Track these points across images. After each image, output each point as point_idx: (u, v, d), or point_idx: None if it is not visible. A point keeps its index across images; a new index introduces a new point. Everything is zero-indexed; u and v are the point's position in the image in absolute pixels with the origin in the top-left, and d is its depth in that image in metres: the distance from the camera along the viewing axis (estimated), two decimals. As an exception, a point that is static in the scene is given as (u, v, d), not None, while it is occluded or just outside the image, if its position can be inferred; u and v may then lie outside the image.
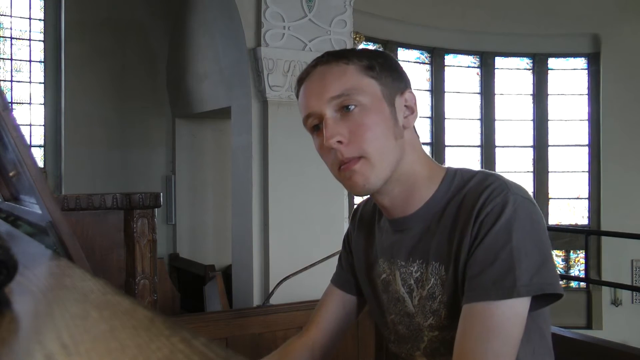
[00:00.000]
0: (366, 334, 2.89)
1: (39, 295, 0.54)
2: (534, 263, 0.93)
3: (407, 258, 1.07)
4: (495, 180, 0.99)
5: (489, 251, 0.94)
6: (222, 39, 4.32)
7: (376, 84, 1.01)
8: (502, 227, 0.93)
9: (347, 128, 0.99)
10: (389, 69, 1.03)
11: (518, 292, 0.91)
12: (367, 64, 1.01)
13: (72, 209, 1.75)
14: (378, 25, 6.15)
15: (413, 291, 1.07)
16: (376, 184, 1.00)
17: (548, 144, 7.35)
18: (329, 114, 1.00)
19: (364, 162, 0.99)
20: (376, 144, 0.98)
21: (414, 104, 1.05)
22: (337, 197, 4.17)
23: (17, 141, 0.82)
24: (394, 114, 1.02)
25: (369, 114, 0.99)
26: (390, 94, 1.02)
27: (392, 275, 1.11)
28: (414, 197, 1.04)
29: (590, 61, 7.28)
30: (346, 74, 1.00)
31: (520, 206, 0.95)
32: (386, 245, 1.12)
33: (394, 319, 1.12)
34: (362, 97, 0.99)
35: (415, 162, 1.04)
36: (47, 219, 0.78)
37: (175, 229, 5.74)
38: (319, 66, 1.02)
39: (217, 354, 0.32)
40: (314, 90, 1.01)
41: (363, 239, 1.20)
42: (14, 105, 5.44)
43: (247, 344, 2.77)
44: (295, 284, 3.27)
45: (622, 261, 6.73)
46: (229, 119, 4.38)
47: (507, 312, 0.92)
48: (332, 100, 0.99)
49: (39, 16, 5.59)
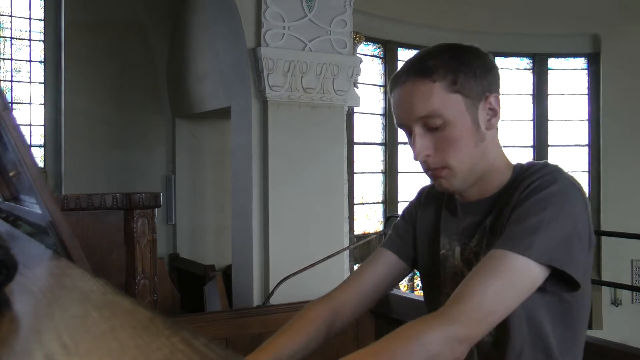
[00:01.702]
0: (366, 333, 2.89)
1: (39, 295, 0.54)
2: (556, 238, 0.99)
3: (470, 234, 1.14)
4: (554, 167, 1.07)
5: (523, 212, 1.01)
6: (222, 39, 4.32)
7: (460, 98, 1.07)
8: (542, 198, 1.01)
9: (432, 142, 1.08)
10: (474, 76, 1.09)
11: (530, 253, 0.97)
12: (452, 78, 1.07)
13: (72, 209, 1.75)
14: (378, 25, 6.15)
15: (472, 264, 1.10)
16: (461, 187, 1.12)
17: (548, 144, 7.35)
18: (417, 130, 1.09)
19: (448, 172, 1.09)
20: (458, 155, 1.08)
21: (497, 106, 1.12)
22: (337, 197, 4.17)
23: (17, 141, 0.82)
24: (476, 122, 1.09)
25: (453, 130, 1.07)
26: (474, 103, 1.09)
27: (452, 250, 1.17)
28: (488, 187, 1.13)
29: (590, 61, 7.27)
30: (432, 93, 1.06)
31: (567, 188, 1.03)
32: (451, 225, 1.19)
33: (450, 293, 1.14)
34: (446, 115, 1.06)
35: (495, 158, 1.13)
36: (47, 219, 0.78)
37: (175, 229, 5.74)
38: (409, 82, 1.08)
39: (217, 354, 0.32)
40: (404, 106, 1.10)
41: (429, 215, 1.26)
42: (14, 105, 5.44)
43: (247, 344, 2.77)
44: (295, 284, 3.27)
45: (622, 261, 6.72)
46: (229, 119, 4.37)
47: (518, 265, 0.97)
48: (419, 120, 1.08)
49: (39, 16, 5.58)
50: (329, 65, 4.08)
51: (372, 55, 6.50)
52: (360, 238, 5.85)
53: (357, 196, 6.23)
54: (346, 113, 4.43)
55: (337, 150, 4.20)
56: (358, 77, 4.50)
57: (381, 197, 6.56)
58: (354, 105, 4.97)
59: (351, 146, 5.86)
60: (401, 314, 2.73)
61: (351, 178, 5.92)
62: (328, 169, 4.11)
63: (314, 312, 1.19)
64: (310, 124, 4.06)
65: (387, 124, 6.52)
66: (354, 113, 5.94)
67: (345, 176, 4.45)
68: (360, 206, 6.35)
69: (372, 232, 6.22)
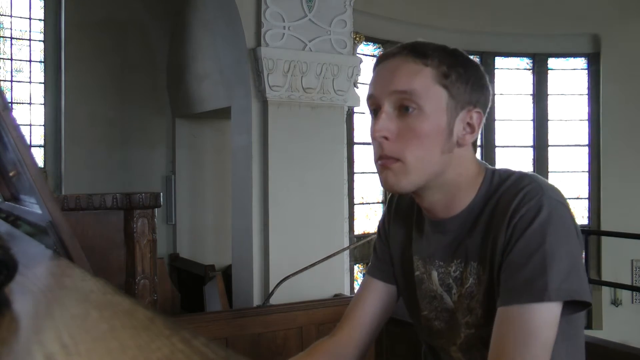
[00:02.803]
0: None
1: (39, 295, 0.54)
2: (564, 268, 0.93)
3: (445, 258, 1.07)
4: (531, 182, 0.99)
5: (521, 254, 0.94)
6: (222, 39, 4.31)
7: (445, 94, 1.00)
8: (536, 231, 0.94)
9: (397, 127, 0.99)
10: (466, 82, 1.01)
11: (549, 296, 0.91)
12: (444, 71, 1.00)
13: (72, 209, 1.75)
14: (378, 25, 6.15)
15: (452, 289, 1.07)
16: (406, 188, 1.01)
17: (548, 144, 7.35)
18: (386, 106, 1.00)
19: (400, 166, 0.99)
20: (418, 152, 0.98)
21: (477, 124, 1.04)
22: (337, 197, 4.17)
23: (17, 141, 0.82)
24: (450, 128, 1.00)
25: (423, 122, 0.98)
26: (456, 108, 1.01)
27: (427, 274, 1.11)
28: (455, 202, 1.05)
29: (590, 61, 7.27)
30: (419, 75, 0.99)
31: (555, 210, 0.95)
32: (423, 245, 1.12)
33: (428, 315, 1.13)
34: (423, 103, 0.98)
35: (461, 174, 1.03)
36: (47, 219, 0.78)
37: (175, 229, 5.74)
38: (399, 56, 1.01)
39: (217, 354, 0.32)
40: (383, 78, 1.01)
41: (399, 231, 1.19)
42: (14, 105, 5.44)
43: (247, 344, 2.77)
44: (295, 284, 3.27)
45: (622, 261, 6.72)
46: (229, 119, 4.38)
47: (542, 316, 0.92)
48: (394, 94, 0.99)
49: (39, 16, 5.58)
50: (329, 65, 4.08)
51: (372, 55, 6.50)
52: (360, 238, 5.85)
53: (357, 196, 6.23)
54: (346, 113, 4.43)
55: (337, 150, 4.20)
56: (358, 77, 4.51)
57: (381, 197, 6.56)
58: (354, 105, 4.97)
59: (351, 146, 5.86)
60: (401, 314, 2.72)
61: (351, 178, 5.92)
62: (328, 169, 4.11)
63: (320, 347, 1.17)
64: (310, 124, 4.06)
65: (387, 124, 6.52)
66: (354, 113, 5.94)
67: (345, 176, 4.45)
68: (360, 206, 6.36)
69: (372, 232, 6.21)
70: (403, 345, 2.55)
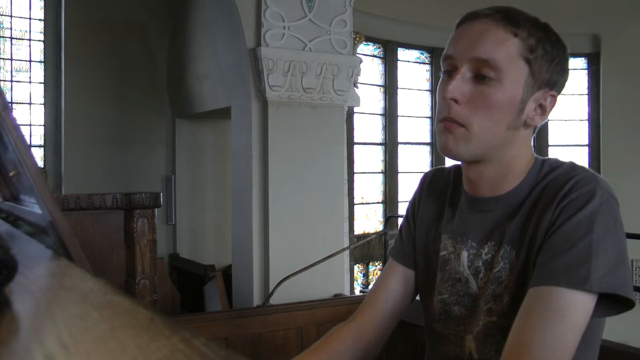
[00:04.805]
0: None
1: (39, 295, 0.54)
2: (610, 261, 0.89)
3: (480, 239, 1.03)
4: (584, 171, 0.96)
5: (566, 238, 0.90)
6: (222, 39, 4.31)
7: (526, 70, 0.96)
8: (585, 217, 0.90)
9: (470, 92, 0.96)
10: (550, 61, 0.98)
11: (590, 284, 0.87)
12: (532, 44, 0.96)
13: (72, 209, 1.75)
14: (378, 25, 6.15)
15: (480, 272, 1.03)
16: (463, 156, 0.99)
17: (548, 144, 7.35)
18: (464, 69, 0.96)
19: (464, 132, 0.96)
20: (484, 122, 0.95)
21: (549, 108, 1.01)
22: (337, 197, 4.17)
23: (17, 141, 0.82)
24: (523, 105, 0.98)
25: (498, 93, 0.95)
26: (534, 86, 0.98)
27: (456, 254, 1.07)
28: (503, 183, 1.02)
29: (590, 61, 7.28)
30: (505, 44, 0.95)
31: (607, 202, 0.93)
32: (457, 223, 1.08)
33: (448, 300, 1.08)
34: (503, 75, 0.95)
35: (519, 156, 1.01)
36: (47, 219, 0.78)
37: (175, 229, 5.74)
38: (489, 19, 0.97)
39: (217, 354, 0.32)
40: (467, 40, 0.97)
41: (430, 210, 1.16)
42: (14, 105, 5.44)
43: (247, 344, 2.77)
44: (295, 284, 3.27)
45: (622, 261, 6.72)
46: (229, 119, 4.37)
47: (575, 300, 0.87)
48: (474, 60, 0.95)
49: (39, 16, 5.59)
50: (329, 65, 4.08)
51: (372, 55, 6.50)
52: (360, 238, 5.85)
53: (357, 196, 6.23)
54: (346, 113, 4.43)
55: (337, 150, 4.20)
56: (358, 77, 4.50)
57: (381, 197, 6.56)
58: (354, 105, 4.97)
59: (351, 146, 5.86)
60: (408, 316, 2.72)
61: (351, 178, 5.92)
62: (328, 169, 4.11)
63: (339, 333, 1.14)
64: (310, 124, 4.06)
65: (387, 124, 6.52)
66: (354, 113, 5.94)
67: (345, 176, 4.44)
68: (360, 206, 6.36)
69: (372, 232, 6.22)
70: (403, 345, 2.55)
